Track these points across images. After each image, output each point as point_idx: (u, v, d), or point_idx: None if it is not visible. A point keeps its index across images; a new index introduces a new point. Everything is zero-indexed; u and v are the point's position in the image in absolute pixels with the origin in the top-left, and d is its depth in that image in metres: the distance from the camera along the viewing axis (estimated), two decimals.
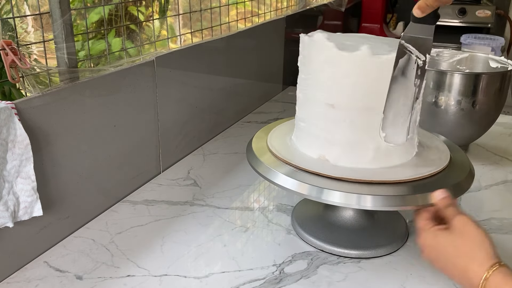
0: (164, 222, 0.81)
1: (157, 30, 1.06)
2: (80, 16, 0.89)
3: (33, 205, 0.66)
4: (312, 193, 0.65)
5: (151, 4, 1.07)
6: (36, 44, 0.76)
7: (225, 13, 1.25)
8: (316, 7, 1.80)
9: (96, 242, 0.75)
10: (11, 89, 0.86)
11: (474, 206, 0.89)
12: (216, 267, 0.70)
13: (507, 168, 1.04)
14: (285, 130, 0.82)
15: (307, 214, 0.82)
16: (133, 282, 0.67)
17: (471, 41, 1.76)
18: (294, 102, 0.75)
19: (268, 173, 0.70)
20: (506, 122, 1.29)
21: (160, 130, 0.96)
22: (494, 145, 1.15)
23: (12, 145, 0.63)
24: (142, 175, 0.93)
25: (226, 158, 1.06)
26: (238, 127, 1.25)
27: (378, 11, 2.25)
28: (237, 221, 0.82)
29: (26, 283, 0.66)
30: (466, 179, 0.69)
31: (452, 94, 0.96)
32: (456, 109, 0.97)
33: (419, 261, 0.72)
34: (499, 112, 1.03)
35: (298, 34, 0.72)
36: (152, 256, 0.72)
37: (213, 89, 1.14)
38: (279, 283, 0.67)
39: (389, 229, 0.79)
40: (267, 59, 1.43)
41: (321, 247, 0.74)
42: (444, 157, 0.73)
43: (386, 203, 0.63)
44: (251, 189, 0.93)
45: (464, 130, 1.01)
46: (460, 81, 0.96)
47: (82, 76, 0.78)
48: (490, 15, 2.24)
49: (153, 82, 0.92)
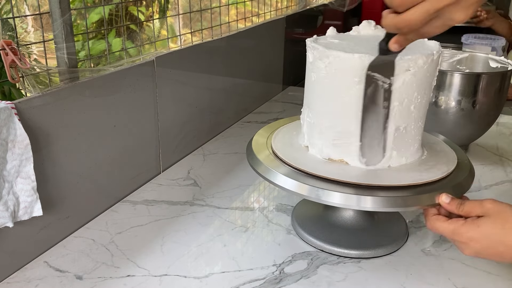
0: (164, 222, 0.81)
1: (157, 30, 1.06)
2: (80, 16, 0.89)
3: (33, 205, 0.66)
4: (312, 194, 0.65)
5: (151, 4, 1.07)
6: (36, 44, 0.76)
7: (225, 13, 1.25)
8: (316, 7, 1.80)
9: (96, 242, 0.75)
10: (11, 89, 0.86)
11: None
12: (216, 267, 0.70)
13: (507, 168, 1.04)
14: (286, 130, 0.82)
15: (307, 214, 0.82)
16: (133, 282, 0.67)
17: (472, 41, 1.75)
18: (294, 102, 0.76)
19: (268, 173, 0.70)
20: (506, 122, 1.29)
21: (160, 130, 0.96)
22: (494, 145, 1.15)
23: (12, 145, 0.63)
24: (142, 175, 0.93)
25: (226, 158, 1.06)
26: (238, 127, 1.25)
27: (378, 11, 2.25)
28: (237, 221, 0.82)
29: (26, 283, 0.66)
30: (466, 179, 0.69)
31: (452, 94, 0.96)
32: (456, 109, 0.97)
33: (419, 261, 0.72)
34: (499, 112, 1.03)
35: (298, 34, 0.72)
36: (152, 256, 0.72)
37: (213, 89, 1.14)
38: (279, 283, 0.67)
39: (389, 229, 0.79)
40: (267, 59, 1.43)
41: (321, 247, 0.74)
42: (451, 162, 0.72)
43: (386, 204, 0.63)
44: (251, 189, 0.93)
45: (464, 130, 1.01)
46: (460, 81, 0.95)
47: (82, 76, 0.78)
48: None
49: (153, 82, 0.92)
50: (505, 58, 1.04)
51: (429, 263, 0.72)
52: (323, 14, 1.90)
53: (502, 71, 0.98)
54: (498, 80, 0.97)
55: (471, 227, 0.58)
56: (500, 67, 1.03)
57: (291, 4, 1.70)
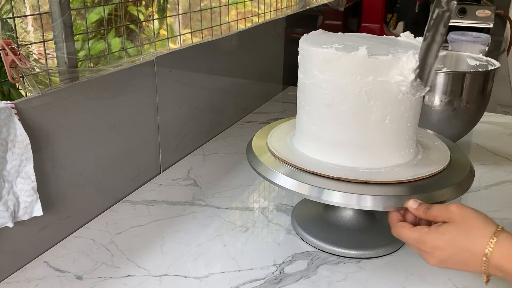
0: (164, 222, 0.81)
1: (157, 30, 1.06)
2: (80, 16, 0.89)
3: (33, 205, 0.66)
4: (312, 194, 0.65)
5: (151, 4, 1.07)
6: (36, 44, 0.76)
7: (225, 13, 1.25)
8: (316, 7, 1.80)
9: (96, 242, 0.75)
10: (10, 89, 0.86)
11: (474, 206, 0.88)
12: (216, 267, 0.70)
13: (507, 168, 1.04)
14: (285, 130, 0.82)
15: (307, 214, 0.82)
16: (133, 282, 0.67)
17: (456, 38, 1.75)
18: (294, 102, 0.75)
19: (268, 173, 0.70)
20: (506, 122, 1.29)
21: (160, 130, 0.96)
22: (494, 145, 1.15)
23: (12, 145, 0.63)
24: (142, 175, 0.93)
25: (226, 158, 1.06)
26: (238, 127, 1.25)
27: (378, 11, 2.25)
28: (237, 221, 0.82)
29: (26, 283, 0.66)
30: (466, 179, 0.69)
31: (432, 93, 0.97)
32: (440, 108, 0.97)
33: (419, 261, 0.72)
34: (483, 110, 1.03)
35: (298, 34, 0.72)
36: (152, 256, 0.72)
37: (213, 89, 1.14)
38: (279, 283, 0.67)
39: (389, 229, 0.79)
40: (267, 59, 1.43)
41: (321, 247, 0.74)
42: (444, 157, 0.73)
43: (386, 204, 0.63)
44: (251, 189, 0.93)
45: (448, 128, 1.01)
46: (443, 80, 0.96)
47: (82, 76, 0.78)
48: (490, 15, 2.24)
49: (153, 82, 0.92)
50: (483, 56, 1.05)
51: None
52: (323, 14, 1.90)
53: (482, 71, 0.99)
54: (479, 79, 0.97)
55: (435, 235, 0.56)
56: (479, 64, 1.04)
57: (291, 4, 1.70)
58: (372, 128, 0.67)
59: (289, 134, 0.79)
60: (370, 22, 2.28)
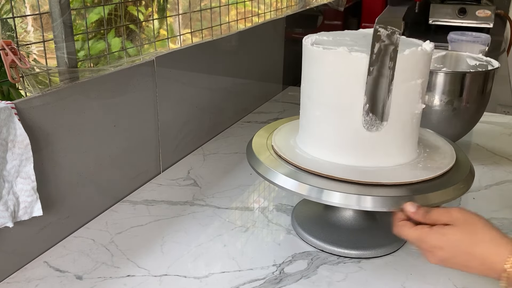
0: (164, 222, 0.81)
1: (157, 30, 1.06)
2: (80, 16, 0.89)
3: (33, 205, 0.66)
4: (312, 194, 0.65)
5: (150, 4, 1.07)
6: (36, 44, 0.76)
7: (225, 13, 1.25)
8: (316, 7, 1.80)
9: (96, 242, 0.75)
10: (10, 89, 0.86)
11: (474, 206, 0.88)
12: (216, 267, 0.70)
13: (507, 168, 1.04)
14: (286, 130, 0.82)
15: (307, 214, 0.82)
16: (133, 282, 0.67)
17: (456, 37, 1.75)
18: (294, 102, 0.76)
19: (268, 173, 0.70)
20: (506, 122, 1.29)
21: (160, 130, 0.96)
22: (494, 145, 1.15)
23: (12, 145, 0.63)
24: (142, 175, 0.93)
25: (226, 158, 1.06)
26: (238, 127, 1.25)
27: (378, 11, 2.25)
28: (237, 221, 0.82)
29: (26, 283, 0.66)
30: (466, 179, 0.69)
31: (435, 93, 0.97)
32: (440, 107, 0.97)
33: (419, 261, 0.72)
34: (483, 110, 1.03)
35: (298, 34, 0.72)
36: (152, 256, 0.72)
37: (213, 89, 1.14)
38: (279, 283, 0.67)
39: (389, 229, 0.78)
40: (267, 59, 1.43)
41: (321, 247, 0.74)
42: (447, 161, 0.72)
43: (386, 204, 0.63)
44: (251, 189, 0.93)
45: (447, 128, 1.00)
46: (443, 80, 0.96)
47: (82, 76, 0.78)
48: (490, 15, 2.24)
49: (153, 82, 0.92)
50: (482, 56, 1.05)
51: (429, 263, 0.72)
52: (323, 14, 1.90)
53: (482, 71, 0.99)
54: (480, 78, 0.97)
55: (437, 235, 0.57)
56: (479, 64, 1.04)
57: (291, 4, 1.70)
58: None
59: (290, 134, 0.79)
60: (370, 22, 2.28)
